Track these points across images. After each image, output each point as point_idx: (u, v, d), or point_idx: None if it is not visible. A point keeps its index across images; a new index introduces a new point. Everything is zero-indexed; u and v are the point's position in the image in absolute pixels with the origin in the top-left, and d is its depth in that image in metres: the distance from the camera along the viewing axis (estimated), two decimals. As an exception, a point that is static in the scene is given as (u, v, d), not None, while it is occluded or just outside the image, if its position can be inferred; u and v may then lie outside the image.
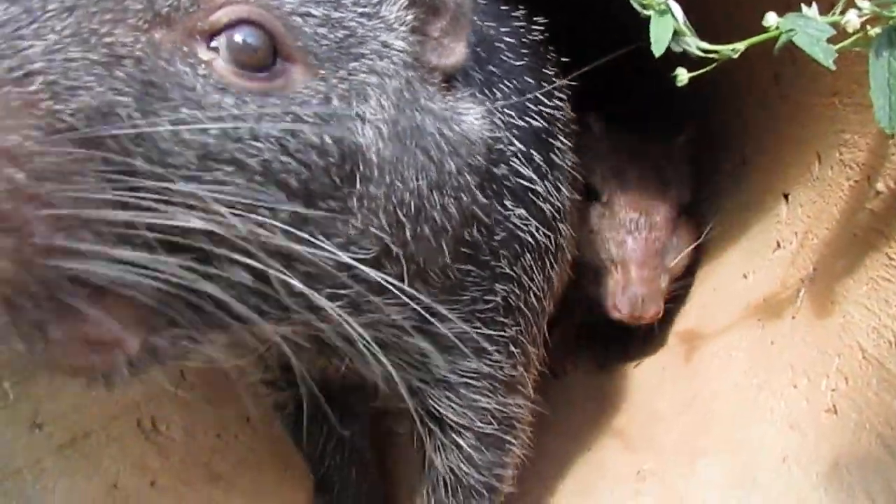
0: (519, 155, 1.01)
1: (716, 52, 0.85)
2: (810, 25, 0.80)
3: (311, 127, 0.67)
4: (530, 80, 1.10)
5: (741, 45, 0.85)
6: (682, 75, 0.86)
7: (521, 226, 1.03)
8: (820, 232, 1.18)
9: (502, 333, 1.05)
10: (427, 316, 0.83)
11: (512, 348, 1.07)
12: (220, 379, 1.39)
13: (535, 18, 1.24)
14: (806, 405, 1.06)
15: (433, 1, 0.82)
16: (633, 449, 1.52)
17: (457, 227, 0.85)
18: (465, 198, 0.85)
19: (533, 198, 1.04)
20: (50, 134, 0.53)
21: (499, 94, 0.99)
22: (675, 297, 1.69)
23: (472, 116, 0.86)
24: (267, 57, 0.67)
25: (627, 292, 1.54)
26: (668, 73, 0.90)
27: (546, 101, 1.13)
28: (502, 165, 0.98)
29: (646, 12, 0.83)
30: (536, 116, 1.08)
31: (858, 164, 1.07)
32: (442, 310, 0.83)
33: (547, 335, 1.23)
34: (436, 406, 1.07)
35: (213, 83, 0.63)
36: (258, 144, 0.64)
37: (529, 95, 1.05)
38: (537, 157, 1.05)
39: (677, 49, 0.85)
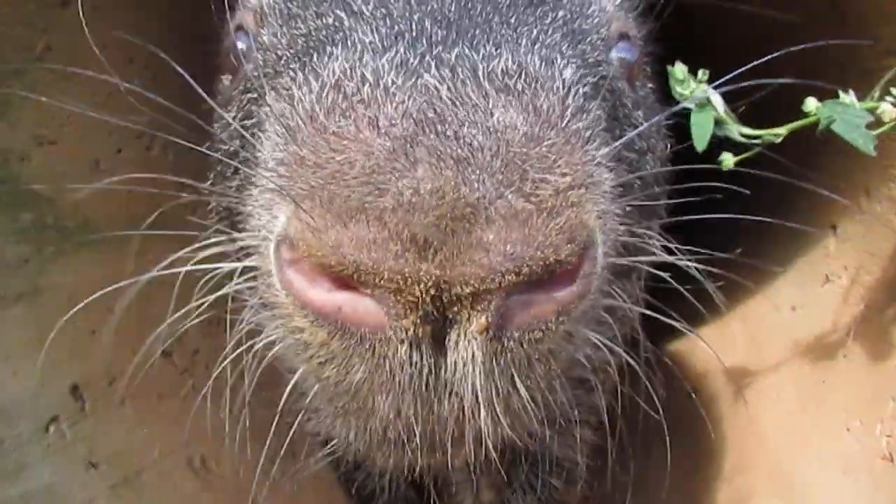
0: None
1: (758, 136, 0.85)
2: (849, 112, 0.80)
3: None
4: None
5: (782, 130, 0.86)
6: (728, 160, 0.86)
7: None
8: (872, 269, 1.16)
9: None
10: None
11: None
12: (268, 416, 1.41)
13: None
14: (860, 450, 1.04)
15: None
16: (683, 486, 1.49)
17: None
18: None
19: None
20: None
21: None
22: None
23: None
24: None
25: None
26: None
27: None
28: None
29: (687, 105, 0.83)
30: None
31: (909, 201, 1.04)
32: None
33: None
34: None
35: None
36: None
37: None
38: None
39: (720, 135, 0.85)
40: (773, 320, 1.53)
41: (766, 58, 0.78)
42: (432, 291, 0.51)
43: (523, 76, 0.58)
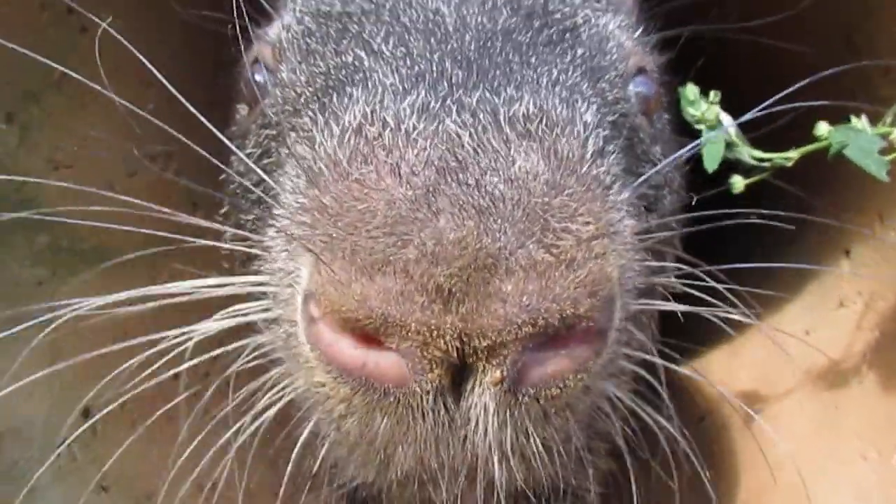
0: None
1: (769, 160, 0.85)
2: (861, 137, 0.79)
3: None
4: None
5: (794, 154, 0.86)
6: (738, 183, 0.86)
7: None
8: (886, 295, 1.15)
9: None
10: None
11: None
12: (279, 438, 1.41)
13: None
14: (876, 480, 1.02)
15: None
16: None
17: None
18: None
19: None
20: None
21: None
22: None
23: None
24: None
25: None
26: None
27: None
28: None
29: (698, 127, 0.83)
30: None
31: (924, 229, 1.04)
32: None
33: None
34: None
35: None
36: None
37: None
38: None
39: (731, 157, 0.85)
40: (787, 344, 1.52)
41: (781, 94, 0.79)
42: (456, 344, 0.51)
43: (544, 121, 0.58)
